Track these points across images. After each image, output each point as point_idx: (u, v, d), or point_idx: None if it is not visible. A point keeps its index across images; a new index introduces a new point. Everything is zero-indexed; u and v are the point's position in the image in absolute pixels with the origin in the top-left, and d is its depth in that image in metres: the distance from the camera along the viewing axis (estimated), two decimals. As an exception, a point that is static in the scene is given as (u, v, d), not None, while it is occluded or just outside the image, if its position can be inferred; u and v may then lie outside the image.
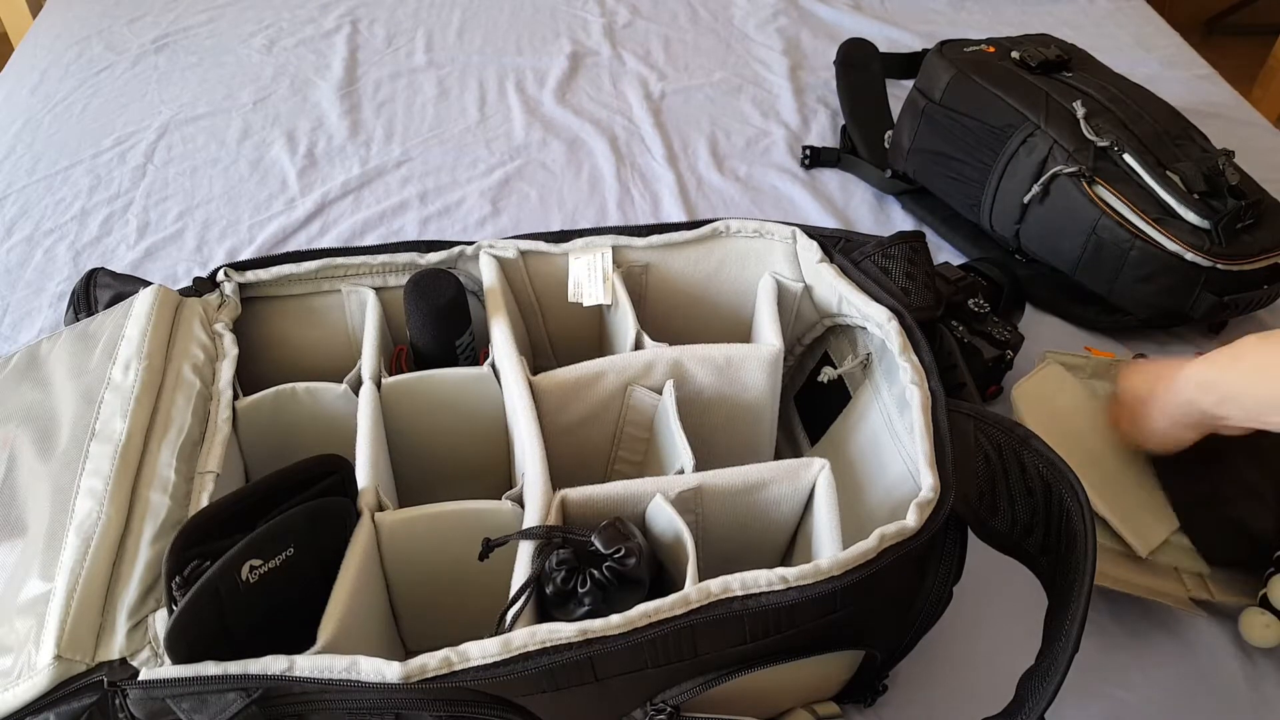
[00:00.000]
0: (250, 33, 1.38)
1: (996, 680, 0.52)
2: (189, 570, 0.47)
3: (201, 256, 1.01)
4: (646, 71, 1.32)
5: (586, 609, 0.50)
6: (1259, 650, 0.68)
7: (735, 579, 0.49)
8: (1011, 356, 0.82)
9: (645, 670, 0.49)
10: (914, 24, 1.42)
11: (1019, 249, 0.97)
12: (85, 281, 0.68)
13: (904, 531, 0.51)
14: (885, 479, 0.63)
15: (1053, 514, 0.54)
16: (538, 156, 1.16)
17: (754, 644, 0.50)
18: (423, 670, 0.46)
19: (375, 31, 1.39)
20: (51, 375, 0.60)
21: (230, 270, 0.68)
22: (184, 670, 0.46)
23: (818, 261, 0.68)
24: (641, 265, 0.72)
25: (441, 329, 0.67)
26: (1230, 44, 2.28)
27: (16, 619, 0.48)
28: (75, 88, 1.26)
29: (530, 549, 0.53)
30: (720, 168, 1.14)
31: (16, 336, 0.92)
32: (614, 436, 0.68)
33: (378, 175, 1.12)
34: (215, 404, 0.60)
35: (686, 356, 0.65)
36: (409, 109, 1.23)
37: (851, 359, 0.70)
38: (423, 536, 0.57)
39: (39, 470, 0.54)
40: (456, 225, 1.06)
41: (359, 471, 0.57)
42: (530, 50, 1.36)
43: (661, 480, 0.57)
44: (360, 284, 0.70)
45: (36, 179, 1.10)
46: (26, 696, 0.46)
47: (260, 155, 1.15)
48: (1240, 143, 0.96)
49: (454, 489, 0.62)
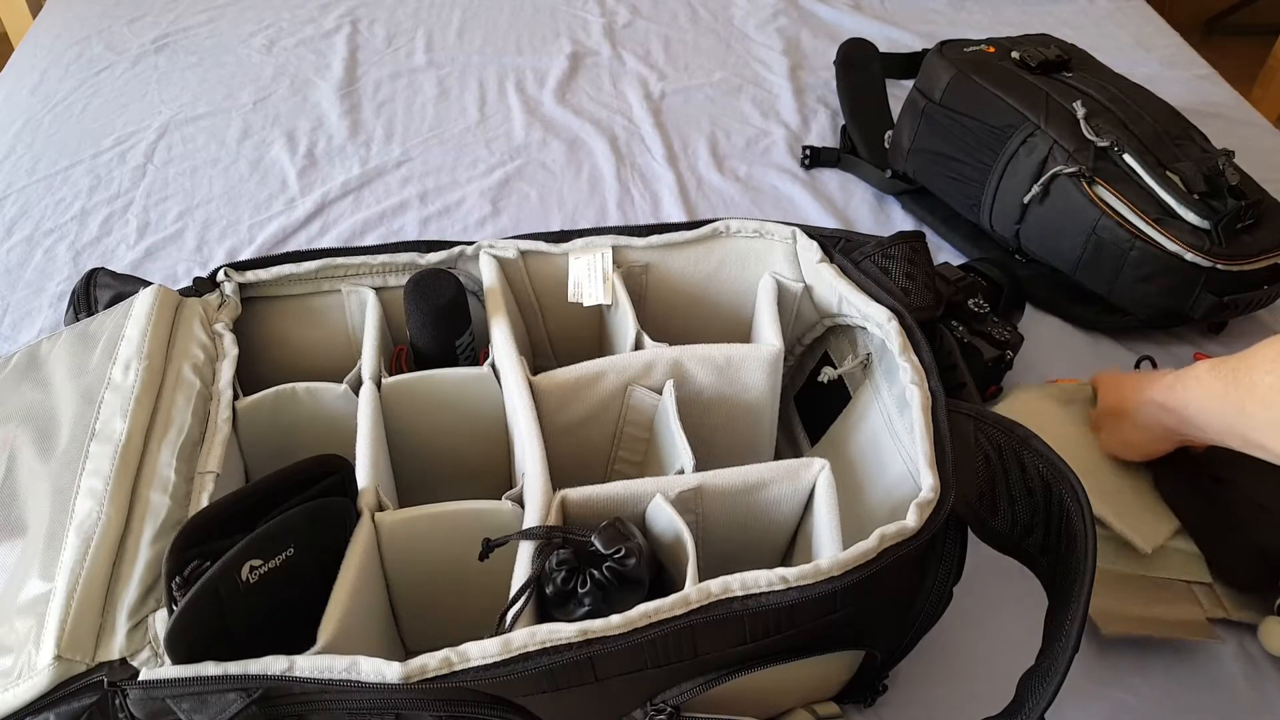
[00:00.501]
0: (250, 33, 1.38)
1: (996, 680, 0.52)
2: (189, 570, 0.47)
3: (201, 256, 1.01)
4: (646, 71, 1.32)
5: (586, 609, 0.50)
6: (1260, 651, 0.68)
7: (735, 579, 0.49)
8: (1011, 356, 0.82)
9: (645, 670, 0.49)
10: (914, 24, 1.42)
11: (1019, 249, 0.97)
12: (85, 281, 0.68)
13: (904, 531, 0.51)
14: (885, 479, 0.63)
15: (1053, 514, 0.54)
16: (538, 156, 1.16)
17: (754, 644, 0.50)
18: (423, 670, 0.46)
19: (375, 31, 1.39)
20: (51, 375, 0.60)
21: (230, 270, 0.68)
22: (184, 670, 0.46)
23: (818, 261, 0.68)
24: (641, 265, 0.72)
25: (441, 329, 0.67)
26: (1230, 44, 2.28)
27: (16, 619, 0.48)
28: (75, 88, 1.26)
29: (530, 549, 0.53)
30: (720, 168, 1.14)
31: (16, 336, 0.92)
32: (614, 436, 0.68)
33: (378, 175, 1.12)
34: (215, 404, 0.60)
35: (686, 356, 0.65)
36: (409, 109, 1.23)
37: (851, 359, 0.70)
38: (423, 536, 0.57)
39: (39, 470, 0.54)
40: (456, 225, 1.06)
41: (359, 471, 0.57)
42: (530, 50, 1.36)
43: (661, 480, 0.57)
44: (360, 284, 0.70)
45: (36, 179, 1.10)
46: (26, 696, 0.46)
47: (260, 155, 1.15)
48: (1240, 143, 0.96)
49: (454, 489, 0.62)
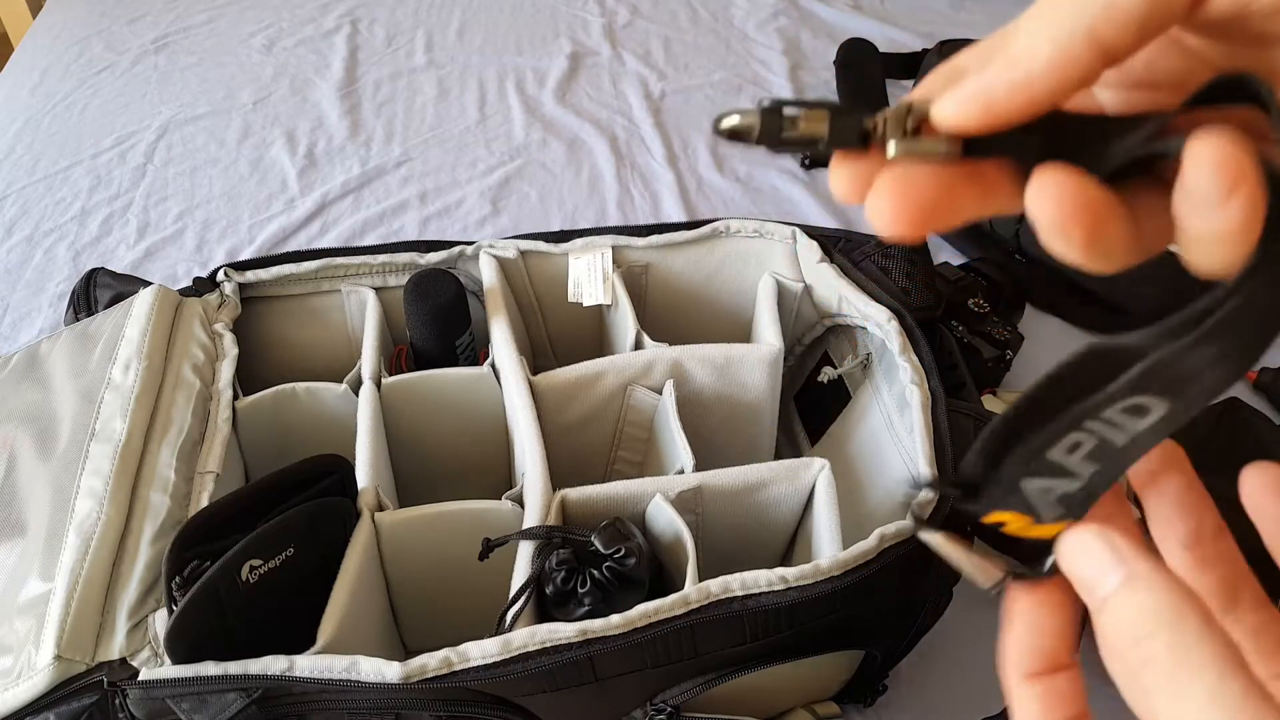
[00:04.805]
0: (250, 33, 1.38)
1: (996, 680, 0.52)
2: (189, 570, 0.47)
3: (201, 256, 1.01)
4: (646, 71, 1.32)
5: (586, 609, 0.50)
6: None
7: (735, 579, 0.49)
8: (1011, 356, 0.82)
9: (645, 670, 0.49)
10: (914, 24, 1.42)
11: (1019, 249, 0.97)
12: (85, 281, 0.68)
13: (904, 531, 0.51)
14: (885, 479, 0.63)
15: (1053, 514, 0.54)
16: (538, 156, 1.16)
17: (754, 644, 0.50)
18: (423, 670, 0.46)
19: (375, 31, 1.39)
20: (51, 375, 0.60)
21: (230, 270, 0.68)
22: (184, 670, 0.46)
23: (818, 261, 0.68)
24: (641, 265, 0.72)
25: (441, 329, 0.67)
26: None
27: (16, 619, 0.48)
28: (75, 88, 1.26)
29: (530, 549, 0.53)
30: (720, 168, 1.14)
31: (16, 336, 0.92)
32: (614, 436, 0.68)
33: (378, 175, 1.12)
34: (215, 404, 0.60)
35: (686, 356, 0.65)
36: (409, 109, 1.23)
37: (851, 359, 0.70)
38: (423, 536, 0.57)
39: (39, 470, 0.54)
40: (456, 225, 1.06)
41: (359, 471, 0.57)
42: (530, 50, 1.36)
43: (661, 480, 0.57)
44: (360, 284, 0.70)
45: (36, 179, 1.10)
46: (26, 696, 0.46)
47: (260, 155, 1.15)
48: (1240, 143, 0.96)
49: (454, 489, 0.62)
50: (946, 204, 0.23)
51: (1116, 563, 0.22)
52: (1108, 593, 0.22)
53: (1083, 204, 0.21)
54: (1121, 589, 0.22)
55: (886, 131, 0.23)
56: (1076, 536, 0.23)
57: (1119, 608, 0.21)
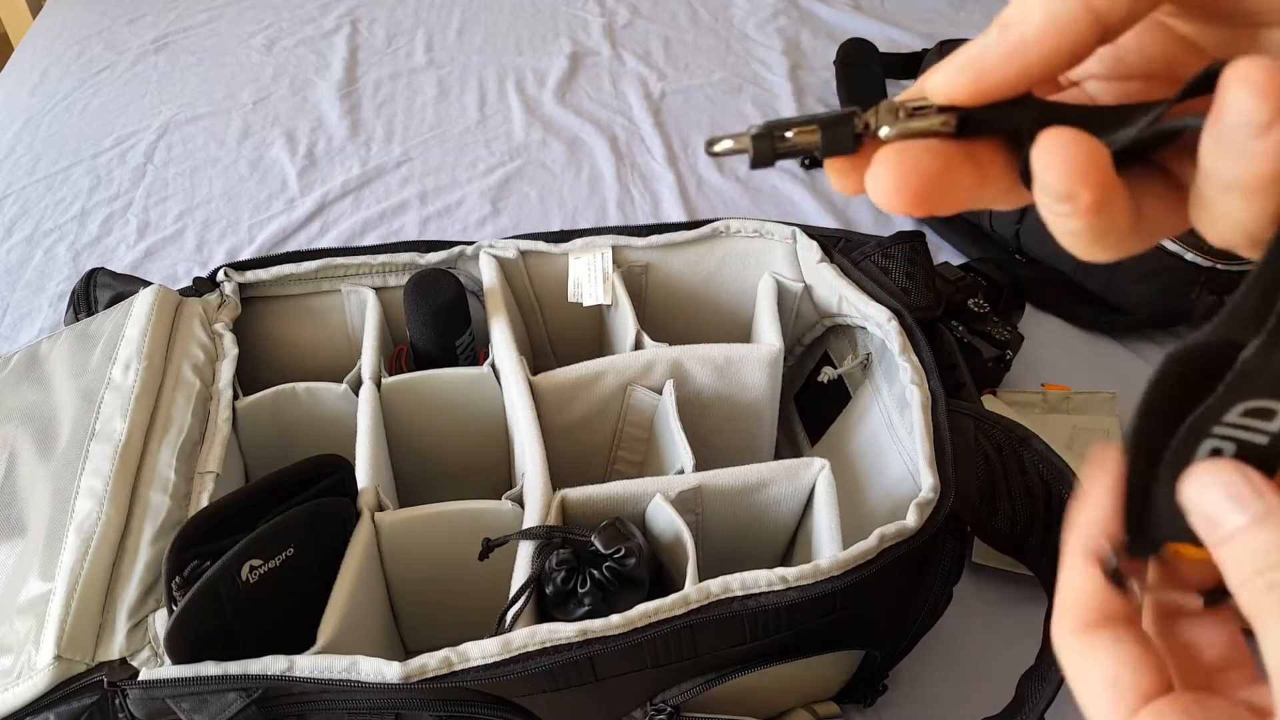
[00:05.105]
0: (250, 33, 1.38)
1: (996, 680, 0.52)
2: (189, 570, 0.47)
3: (201, 256, 1.01)
4: (646, 71, 1.32)
5: (586, 609, 0.50)
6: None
7: (735, 579, 0.49)
8: (1011, 356, 0.82)
9: (645, 670, 0.49)
10: (914, 24, 1.42)
11: (1019, 249, 0.96)
12: (85, 281, 0.68)
13: (904, 531, 0.51)
14: (885, 479, 0.63)
15: (1053, 514, 0.54)
16: (538, 156, 1.16)
17: (754, 644, 0.50)
18: (423, 670, 0.46)
19: (375, 31, 1.39)
20: (51, 375, 0.60)
21: (230, 270, 0.68)
22: (184, 670, 0.46)
23: (818, 261, 0.68)
24: (641, 265, 0.72)
25: (441, 329, 0.67)
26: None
27: (16, 619, 0.48)
28: (75, 88, 1.26)
29: (530, 549, 0.53)
30: (720, 168, 1.14)
31: (16, 336, 0.92)
32: (614, 436, 0.68)
33: (378, 175, 1.12)
34: (215, 404, 0.60)
35: (686, 356, 0.65)
36: (409, 109, 1.23)
37: (851, 359, 0.70)
38: (423, 536, 0.57)
39: (39, 470, 0.54)
40: (456, 225, 1.06)
41: (359, 471, 0.57)
42: (530, 50, 1.36)
43: (661, 480, 0.57)
44: (360, 284, 0.70)
45: (36, 179, 1.10)
46: (26, 696, 0.46)
47: (260, 155, 1.15)
48: (1240, 143, 0.96)
49: (454, 489, 0.62)
50: (946, 180, 0.22)
51: (1255, 497, 0.21)
52: (1239, 525, 0.21)
53: (1094, 162, 0.20)
54: (1258, 521, 0.21)
55: (879, 122, 0.23)
56: (1217, 469, 0.22)
57: (1254, 537, 0.21)
